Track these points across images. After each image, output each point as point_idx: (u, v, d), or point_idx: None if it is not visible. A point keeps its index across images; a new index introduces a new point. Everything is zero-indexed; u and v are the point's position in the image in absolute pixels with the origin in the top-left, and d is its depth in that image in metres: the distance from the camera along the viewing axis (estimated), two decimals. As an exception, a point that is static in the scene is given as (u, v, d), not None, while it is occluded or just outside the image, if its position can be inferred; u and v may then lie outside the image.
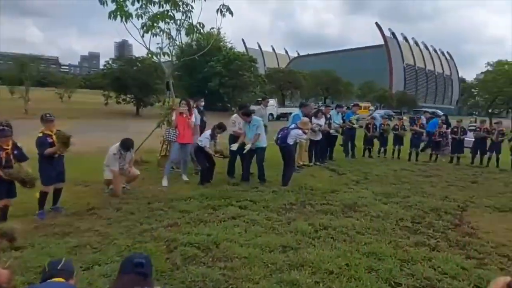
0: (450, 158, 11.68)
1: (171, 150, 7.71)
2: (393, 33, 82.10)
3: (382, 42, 79.36)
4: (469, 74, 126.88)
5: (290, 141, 7.49)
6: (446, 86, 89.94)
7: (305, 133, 7.77)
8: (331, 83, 45.17)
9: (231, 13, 8.31)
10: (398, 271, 3.74)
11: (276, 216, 5.40)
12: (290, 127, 7.82)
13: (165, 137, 7.81)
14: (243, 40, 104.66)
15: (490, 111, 34.13)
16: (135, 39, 8.82)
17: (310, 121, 9.33)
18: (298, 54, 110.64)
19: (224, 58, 32.08)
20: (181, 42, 9.64)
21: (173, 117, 7.50)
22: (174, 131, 7.33)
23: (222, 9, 8.23)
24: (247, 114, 7.46)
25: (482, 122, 11.64)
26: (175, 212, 5.43)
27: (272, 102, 30.36)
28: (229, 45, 38.04)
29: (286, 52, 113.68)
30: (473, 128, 12.33)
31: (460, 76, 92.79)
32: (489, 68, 35.38)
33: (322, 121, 9.89)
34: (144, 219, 5.12)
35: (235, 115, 8.22)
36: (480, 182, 8.50)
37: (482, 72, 40.88)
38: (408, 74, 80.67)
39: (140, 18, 8.30)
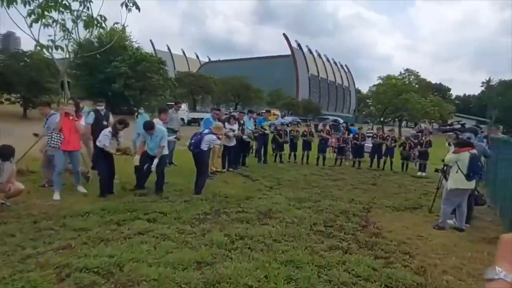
0: (352, 162, 12.62)
1: (55, 158, 6.37)
2: (299, 45, 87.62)
3: (289, 52, 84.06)
4: (364, 86, 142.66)
5: (204, 146, 7.13)
6: (345, 96, 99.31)
7: (219, 138, 7.49)
8: (242, 89, 45.95)
9: (137, 8, 7.66)
10: (316, 279, 3.69)
11: (189, 228, 4.99)
12: (204, 132, 7.46)
13: (48, 143, 6.35)
14: (151, 41, 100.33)
15: (382, 119, 38.63)
16: (20, 28, 7.54)
17: (224, 127, 9.12)
18: (209, 59, 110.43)
19: (130, 58, 30.01)
20: (79, 37, 8.55)
21: (57, 119, 6.34)
22: (58, 135, 6.17)
23: (128, 3, 7.52)
24: (150, 127, 6.74)
25: (379, 130, 12.89)
26: (68, 231, 4.62)
27: (183, 106, 29.49)
28: (136, 45, 35.92)
29: (197, 56, 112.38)
30: (371, 134, 13.55)
31: (356, 87, 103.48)
32: (380, 81, 40.12)
33: (235, 126, 9.76)
34: (28, 241, 4.24)
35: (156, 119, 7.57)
36: (379, 184, 9.27)
37: (374, 85, 46.31)
38: (312, 83, 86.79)
39: (27, 5, 7.12)
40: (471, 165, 5.21)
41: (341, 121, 36.43)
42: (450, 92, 76.66)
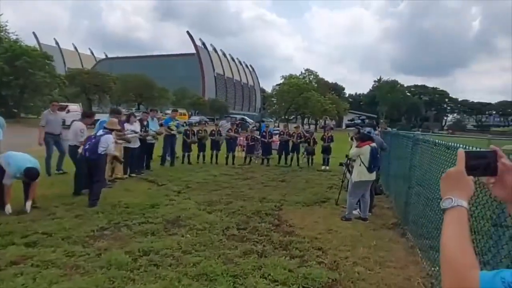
0: (261, 160, 12.70)
1: None
2: (203, 43, 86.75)
3: (194, 51, 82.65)
4: (268, 85, 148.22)
5: (101, 149, 6.24)
6: (251, 95, 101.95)
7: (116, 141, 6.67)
8: (144, 88, 43.31)
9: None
10: (232, 291, 3.36)
11: (81, 249, 4.22)
12: (98, 133, 6.54)
13: None
14: (34, 33, 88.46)
15: (286, 117, 40.54)
16: None
17: (123, 128, 8.21)
18: (106, 56, 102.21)
19: (6, 51, 25.69)
20: None
21: None
22: None
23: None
24: None
25: (285, 127, 13.21)
26: None
27: (75, 107, 26.52)
28: (14, 37, 30.98)
29: (92, 52, 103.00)
30: (278, 132, 13.86)
31: (261, 86, 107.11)
32: (284, 80, 42.08)
33: (136, 126, 8.89)
34: None
35: None
36: (288, 181, 9.42)
37: (277, 84, 48.41)
38: (218, 82, 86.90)
39: None
40: (372, 158, 5.49)
41: (248, 119, 36.97)
42: (344, 91, 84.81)
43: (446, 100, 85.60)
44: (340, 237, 5.10)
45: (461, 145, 3.02)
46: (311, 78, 48.79)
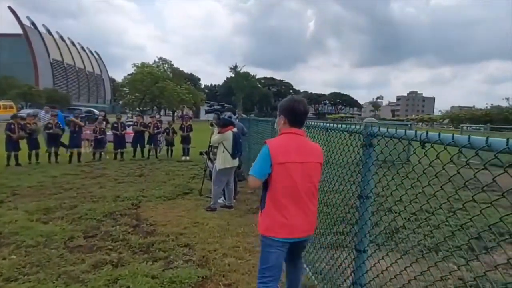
0: (114, 155, 11.34)
1: None
2: (33, 23, 73.12)
3: (20, 31, 68.88)
4: (119, 75, 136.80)
5: None
6: (99, 86, 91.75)
7: None
8: None
9: None
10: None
11: None
12: None
13: None
14: None
15: (141, 108, 37.96)
16: None
17: None
18: None
19: None
20: None
21: None
22: None
23: None
24: None
25: (139, 117, 12.09)
26: None
27: None
28: None
29: None
30: (131, 123, 12.61)
31: (110, 76, 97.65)
32: (135, 69, 39.18)
33: None
34: None
35: None
36: (146, 174, 8.58)
37: (129, 74, 44.80)
38: (56, 70, 75.03)
39: None
40: (235, 144, 5.32)
41: (97, 112, 33.39)
42: (200, 82, 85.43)
43: (291, 91, 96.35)
44: (207, 229, 4.78)
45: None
46: (165, 67, 47.13)
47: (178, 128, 12.16)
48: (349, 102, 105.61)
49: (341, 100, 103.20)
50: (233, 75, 55.97)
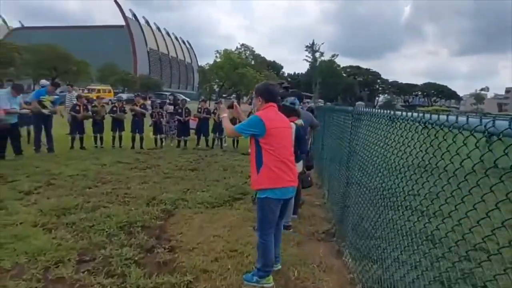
0: (177, 142, 10.55)
1: None
2: (134, 15, 79.62)
3: (123, 22, 75.48)
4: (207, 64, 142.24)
5: None
6: (188, 73, 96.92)
7: None
8: (59, 61, 37.54)
9: None
10: None
11: None
12: None
13: None
14: None
15: (224, 95, 38.06)
16: None
17: None
18: (22, 25, 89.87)
19: None
20: None
21: None
22: None
23: None
24: None
25: (202, 103, 11.03)
26: None
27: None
28: None
29: (4, 21, 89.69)
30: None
31: (199, 65, 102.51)
32: (218, 55, 39.36)
33: None
34: None
35: None
36: (200, 169, 7.41)
37: (214, 61, 45.37)
38: (152, 58, 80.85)
39: None
40: (298, 142, 3.68)
41: (182, 97, 34.12)
42: (283, 70, 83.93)
43: (378, 81, 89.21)
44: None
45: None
46: (247, 54, 46.57)
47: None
48: (446, 93, 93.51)
49: (436, 91, 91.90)
50: (309, 56, 51.95)
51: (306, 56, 51.33)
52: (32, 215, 4.12)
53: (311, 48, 50.30)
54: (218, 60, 39.59)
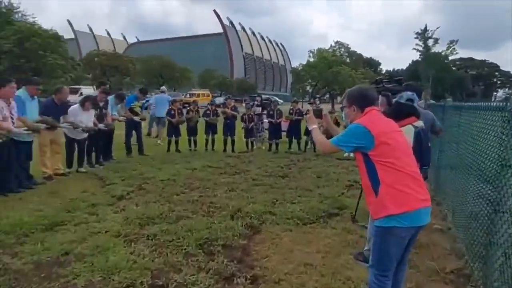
0: (269, 145, 10.13)
1: None
2: (231, 22, 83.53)
3: (221, 30, 79.85)
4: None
5: None
6: (282, 75, 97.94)
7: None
8: (164, 69, 41.28)
9: None
10: None
11: None
12: None
13: None
14: (68, 21, 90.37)
15: (318, 96, 37.00)
16: None
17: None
18: (138, 40, 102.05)
19: (15, 33, 24.46)
20: None
21: None
22: None
23: None
24: None
25: (295, 103, 10.36)
26: None
27: (88, 90, 24.93)
28: (31, 19, 29.86)
29: (124, 37, 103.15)
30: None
31: (292, 66, 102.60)
32: (311, 55, 38.42)
33: (91, 114, 6.70)
34: None
35: None
36: (291, 176, 6.78)
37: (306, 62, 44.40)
38: (247, 62, 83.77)
39: None
40: (419, 150, 2.75)
41: (276, 98, 34.12)
42: (381, 67, 78.36)
43: (496, 73, 76.74)
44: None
45: None
46: (341, 51, 44.39)
47: (341, 118, 9.89)
48: None
49: None
50: (420, 45, 44.74)
51: (417, 45, 44.23)
52: (118, 224, 3.99)
53: (423, 34, 43.36)
54: (311, 60, 38.68)
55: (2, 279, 2.78)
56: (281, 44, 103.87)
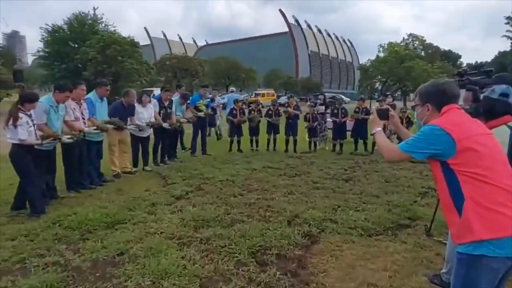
0: (332, 146, 9.65)
1: None
2: (297, 20, 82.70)
3: (287, 29, 79.55)
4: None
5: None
6: (349, 72, 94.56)
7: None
8: (231, 70, 42.30)
9: None
10: None
11: None
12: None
13: None
14: (145, 28, 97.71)
15: (388, 93, 34.79)
16: None
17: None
18: (207, 43, 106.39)
19: (99, 42, 26.92)
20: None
21: None
22: None
23: None
24: None
25: (360, 101, 9.69)
26: None
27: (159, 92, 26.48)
28: (112, 28, 32.69)
29: (194, 41, 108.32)
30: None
31: (360, 63, 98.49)
32: (381, 50, 36.27)
33: (148, 109, 6.94)
34: None
35: None
36: (356, 179, 6.28)
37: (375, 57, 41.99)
38: (313, 60, 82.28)
39: None
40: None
41: (342, 97, 32.94)
42: (461, 60, 71.32)
43: None
44: None
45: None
46: (415, 45, 41.11)
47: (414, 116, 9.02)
48: None
49: None
50: None
51: (507, 31, 38.13)
52: (173, 225, 3.97)
53: None
54: (381, 55, 36.53)
55: (61, 276, 2.87)
56: (348, 40, 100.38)
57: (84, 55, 27.22)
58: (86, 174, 5.68)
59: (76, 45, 30.07)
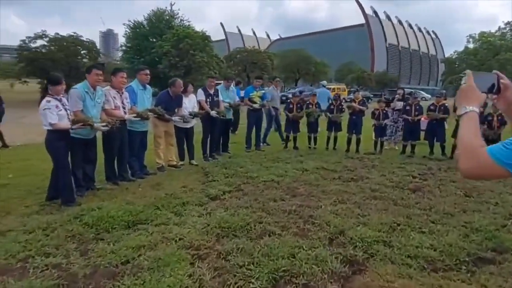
0: (402, 147, 8.42)
1: None
2: (375, 12, 77.85)
3: (363, 21, 75.42)
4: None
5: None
6: (432, 67, 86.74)
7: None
8: (301, 63, 41.17)
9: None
10: None
11: None
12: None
13: None
14: (221, 23, 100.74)
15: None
16: None
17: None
18: (280, 37, 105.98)
19: (173, 36, 28.07)
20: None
21: None
22: None
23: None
24: None
25: (438, 98, 8.21)
26: None
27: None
28: (187, 23, 33.96)
29: (268, 35, 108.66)
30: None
31: (446, 56, 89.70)
32: (471, 40, 32.10)
33: (191, 100, 6.67)
34: None
35: None
36: (425, 190, 5.18)
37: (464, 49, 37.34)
38: (391, 54, 76.95)
39: None
40: None
41: (422, 93, 30.33)
42: None
43: None
44: None
45: None
46: (514, 34, 35.55)
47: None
48: None
49: None
50: None
51: None
52: (196, 231, 3.49)
53: None
54: (471, 46, 32.35)
55: (52, 284, 2.55)
56: (433, 31, 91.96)
57: (160, 49, 28.65)
58: (126, 165, 5.52)
59: (154, 40, 31.87)
